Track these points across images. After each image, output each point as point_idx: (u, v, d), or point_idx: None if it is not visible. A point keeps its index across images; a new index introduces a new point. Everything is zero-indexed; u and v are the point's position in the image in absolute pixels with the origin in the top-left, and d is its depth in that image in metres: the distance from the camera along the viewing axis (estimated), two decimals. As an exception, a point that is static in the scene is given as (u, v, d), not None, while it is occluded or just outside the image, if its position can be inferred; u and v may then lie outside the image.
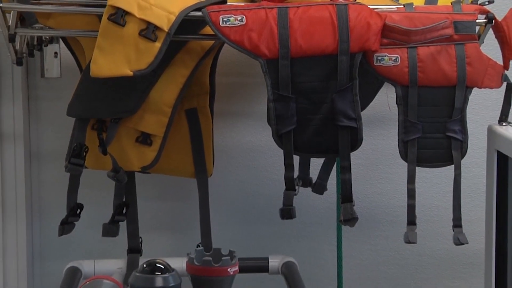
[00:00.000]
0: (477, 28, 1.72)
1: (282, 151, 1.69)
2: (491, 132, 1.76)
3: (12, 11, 1.68)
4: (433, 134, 1.71)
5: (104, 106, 1.74)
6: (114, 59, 1.61)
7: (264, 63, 1.65)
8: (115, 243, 1.90)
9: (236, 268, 1.73)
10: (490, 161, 1.75)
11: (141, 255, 1.93)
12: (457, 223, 1.74)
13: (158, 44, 1.60)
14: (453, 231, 1.73)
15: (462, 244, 1.72)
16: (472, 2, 1.81)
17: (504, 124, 1.76)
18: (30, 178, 2.12)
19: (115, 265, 1.93)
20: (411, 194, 1.71)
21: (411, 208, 1.72)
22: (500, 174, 1.73)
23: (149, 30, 1.60)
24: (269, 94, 1.66)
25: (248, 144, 2.18)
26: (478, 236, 1.78)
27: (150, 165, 1.80)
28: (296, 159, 1.74)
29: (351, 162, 1.71)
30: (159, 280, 1.58)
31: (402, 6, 1.74)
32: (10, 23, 1.69)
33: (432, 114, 1.70)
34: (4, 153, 2.06)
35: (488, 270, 1.75)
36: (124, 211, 1.89)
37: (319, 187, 1.99)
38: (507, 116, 1.77)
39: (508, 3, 1.80)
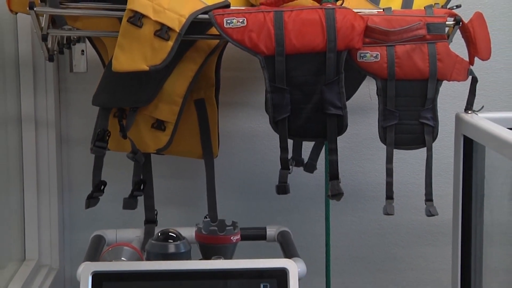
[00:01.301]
0: (447, 29, 1.71)
1: (278, 135, 1.69)
2: (458, 119, 1.76)
3: (44, 14, 1.68)
4: (408, 121, 1.70)
5: (124, 96, 1.74)
6: (133, 56, 1.60)
7: (262, 59, 1.64)
8: (134, 215, 1.89)
9: (238, 236, 1.73)
10: (457, 144, 1.74)
11: (156, 225, 1.92)
12: (428, 197, 1.74)
13: (170, 43, 1.59)
14: (425, 204, 1.73)
15: (433, 215, 1.73)
16: (442, 7, 1.81)
17: (469, 112, 1.76)
18: (60, 159, 2.12)
19: (134, 234, 1.93)
20: (389, 172, 1.71)
21: (389, 185, 1.72)
22: (466, 155, 1.72)
23: (162, 31, 1.59)
24: (267, 86, 1.66)
25: (249, 130, 2.18)
26: (446, 209, 1.78)
27: (164, 148, 1.80)
28: (290, 142, 1.73)
29: (338, 145, 1.70)
30: (171, 247, 1.59)
31: (382, 10, 1.73)
32: (43, 25, 1.68)
33: (408, 104, 1.69)
34: (38, 138, 2.05)
35: (455, 238, 1.76)
36: (141, 187, 1.88)
37: (310, 167, 2.00)
38: (472, 105, 1.76)
39: (473, 7, 1.79)
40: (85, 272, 1.46)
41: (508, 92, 2.23)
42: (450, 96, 1.75)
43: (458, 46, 1.74)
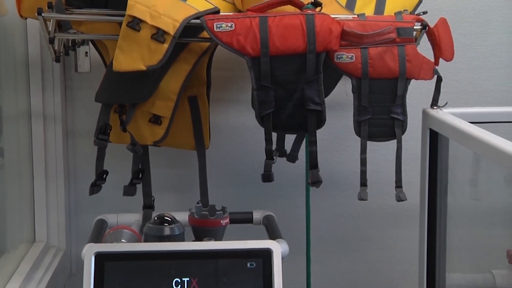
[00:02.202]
0: (414, 33, 1.70)
1: (263, 129, 1.68)
2: (425, 114, 1.76)
3: (51, 19, 1.66)
4: (380, 116, 1.69)
5: (124, 94, 1.73)
6: (132, 57, 1.58)
7: (249, 60, 1.63)
8: (133, 201, 1.88)
9: (227, 220, 1.72)
10: (424, 136, 1.75)
11: (153, 210, 1.92)
12: (398, 184, 1.73)
13: (166, 45, 1.58)
14: (395, 190, 1.73)
15: (402, 200, 1.72)
16: (410, 13, 1.81)
17: (435, 107, 1.76)
18: (67, 150, 2.11)
19: (133, 218, 1.92)
20: (363, 162, 1.71)
21: (363, 173, 1.71)
22: (432, 146, 1.73)
23: (159, 34, 1.58)
24: (253, 85, 1.64)
25: (237, 124, 2.17)
26: (414, 194, 1.77)
27: (160, 140, 1.79)
28: (274, 135, 1.73)
29: (317, 138, 1.69)
30: (167, 230, 1.58)
31: (357, 16, 1.72)
32: (50, 29, 1.67)
33: (380, 100, 1.69)
34: (46, 131, 2.04)
35: (422, 220, 1.76)
36: (140, 176, 1.87)
37: (292, 157, 2.00)
38: (437, 101, 1.76)
39: (438, 13, 1.79)
40: (89, 252, 1.45)
41: (469, 89, 2.23)
42: (417, 93, 1.75)
43: (424, 48, 1.73)
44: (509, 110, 1.85)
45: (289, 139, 1.99)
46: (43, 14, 1.64)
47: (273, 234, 1.82)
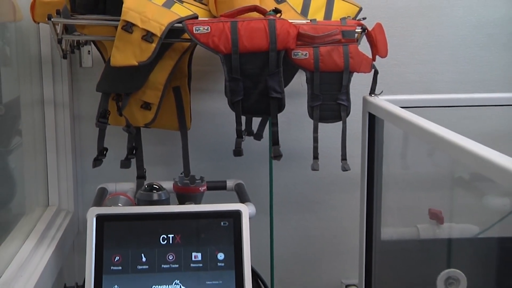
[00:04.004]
0: (356, 35, 1.69)
1: (234, 113, 1.67)
2: (364, 100, 1.75)
3: (59, 24, 1.63)
4: (329, 102, 1.68)
5: (120, 84, 1.70)
6: (126, 54, 1.56)
7: (222, 57, 1.60)
8: (129, 172, 1.85)
9: (205, 187, 1.71)
10: (364, 119, 1.74)
11: (145, 180, 1.89)
12: (343, 157, 1.72)
13: (154, 45, 1.56)
14: (341, 162, 1.72)
15: (347, 170, 1.72)
16: (353, 19, 1.80)
17: (372, 95, 1.74)
18: (73, 131, 2.08)
19: (129, 186, 1.89)
20: (315, 139, 1.70)
21: (315, 148, 1.70)
22: (370, 126, 1.72)
23: (148, 36, 1.55)
24: (226, 77, 1.62)
25: (213, 109, 2.14)
26: (356, 165, 1.77)
27: (150, 123, 1.76)
28: (243, 118, 1.71)
29: (278, 120, 1.69)
30: (155, 195, 1.56)
31: (310, 21, 1.70)
32: (58, 31, 1.64)
33: (329, 89, 1.67)
34: (56, 116, 2.02)
35: (362, 186, 1.75)
36: (134, 152, 1.85)
37: (258, 136, 1.98)
38: (374, 90, 1.74)
39: (374, 19, 1.78)
40: (91, 214, 1.44)
41: (399, 81, 2.22)
42: (359, 84, 1.74)
43: (364, 47, 1.72)
44: (430, 97, 1.87)
45: (256, 121, 1.98)
46: (52, 19, 1.61)
47: (243, 198, 1.81)
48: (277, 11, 1.69)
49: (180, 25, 1.60)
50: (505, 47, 2.24)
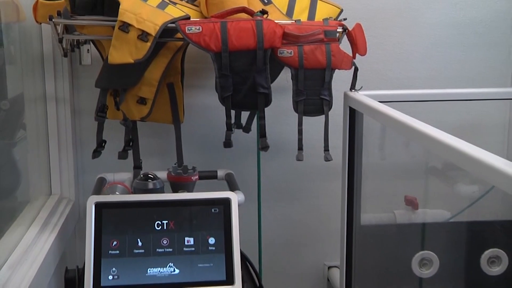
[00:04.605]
0: (337, 34, 1.68)
1: (224, 107, 1.65)
2: (345, 95, 1.73)
3: (60, 24, 1.61)
4: (312, 97, 1.67)
5: (117, 81, 1.68)
6: (123, 52, 1.54)
7: (213, 55, 1.59)
8: (126, 163, 1.84)
9: (197, 177, 1.70)
10: (345, 112, 1.72)
11: (141, 170, 1.87)
12: (326, 148, 1.72)
13: (149, 44, 1.54)
14: (324, 153, 1.71)
15: (329, 160, 1.71)
16: (334, 19, 1.79)
17: (353, 91, 1.73)
18: (74, 124, 2.06)
19: (126, 176, 1.88)
20: (299, 132, 1.69)
21: (300, 140, 1.70)
22: (351, 119, 1.71)
23: (143, 35, 1.54)
24: (216, 74, 1.61)
25: (204, 104, 2.12)
26: (338, 156, 1.76)
27: (145, 116, 1.75)
28: (232, 112, 1.71)
29: (265, 114, 1.67)
30: (150, 184, 1.55)
31: (294, 21, 1.69)
32: (59, 31, 1.62)
33: (312, 85, 1.66)
34: (58, 110, 1.99)
35: (344, 175, 1.74)
36: (130, 144, 1.83)
37: (247, 129, 1.97)
38: (354, 86, 1.73)
39: (354, 20, 1.77)
40: (90, 202, 1.42)
41: (378, 77, 2.22)
42: (340, 80, 1.73)
43: (345, 46, 1.71)
44: (406, 92, 1.87)
45: (244, 115, 1.96)
46: (53, 20, 1.59)
47: (232, 187, 1.80)
48: (264, 12, 1.68)
49: (173, 25, 1.59)
50: (475, 46, 2.25)
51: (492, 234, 1.83)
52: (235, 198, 1.45)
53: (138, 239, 1.39)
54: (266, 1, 1.78)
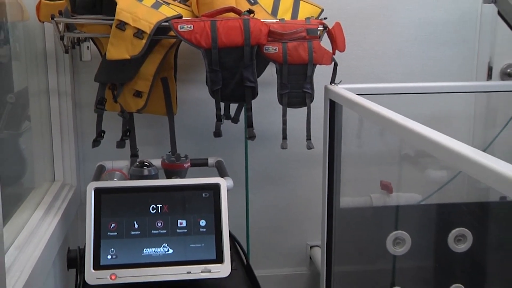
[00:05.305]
0: (318, 32, 1.67)
1: (214, 100, 1.64)
2: (326, 88, 1.72)
3: (61, 23, 1.59)
4: (296, 90, 1.66)
5: (115, 75, 1.65)
6: (120, 49, 1.52)
7: (203, 51, 1.57)
8: (123, 152, 1.82)
9: (189, 164, 1.68)
10: (326, 104, 1.71)
11: (137, 158, 1.85)
12: (308, 137, 1.70)
13: (144, 41, 1.52)
14: (306, 142, 1.70)
15: (311, 148, 1.70)
16: (316, 18, 1.77)
17: (333, 84, 1.72)
18: (75, 116, 2.04)
19: (124, 164, 1.86)
20: (284, 122, 1.68)
21: (284, 130, 1.68)
22: (331, 111, 1.69)
23: (139, 33, 1.52)
24: (207, 69, 1.59)
25: (196, 96, 2.10)
26: (319, 144, 1.76)
27: (141, 109, 1.72)
28: (222, 104, 1.70)
29: (252, 106, 1.66)
30: (145, 171, 1.53)
31: (278, 20, 1.68)
32: (61, 29, 1.60)
33: (295, 79, 1.65)
34: (60, 103, 1.97)
35: (324, 162, 1.73)
36: (128, 134, 1.81)
37: (235, 119, 1.95)
38: (334, 80, 1.72)
39: (334, 19, 1.76)
40: (90, 188, 1.41)
41: (356, 72, 2.21)
42: (321, 74, 1.72)
43: (325, 43, 1.70)
44: (382, 86, 1.86)
45: (233, 107, 1.95)
46: (55, 19, 1.57)
47: (222, 173, 1.79)
48: (250, 11, 1.66)
49: (166, 23, 1.57)
50: (444, 44, 2.25)
51: (458, 215, 1.83)
52: (224, 183, 1.44)
53: (135, 222, 1.37)
54: (252, 1, 1.76)
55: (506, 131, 2.18)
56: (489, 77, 2.29)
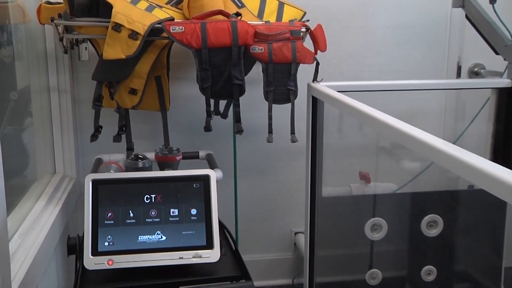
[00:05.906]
0: (301, 33, 1.65)
1: (204, 97, 1.62)
2: (309, 86, 1.71)
3: (61, 25, 1.56)
4: (280, 87, 1.65)
5: (111, 74, 1.63)
6: (115, 49, 1.51)
7: (194, 51, 1.56)
8: (120, 145, 1.80)
9: (181, 157, 1.66)
10: (308, 101, 1.70)
11: (133, 151, 1.83)
12: (292, 131, 1.70)
13: (138, 42, 1.51)
14: (291, 136, 1.70)
15: (295, 142, 1.70)
16: (299, 20, 1.76)
17: (315, 82, 1.70)
18: (74, 112, 2.01)
19: (120, 157, 1.83)
20: (270, 117, 1.67)
21: (270, 125, 1.67)
22: (313, 107, 1.68)
23: (133, 34, 1.50)
24: (197, 67, 1.58)
25: (187, 93, 2.08)
26: (302, 138, 1.75)
27: (136, 105, 1.70)
28: (212, 101, 1.67)
29: (240, 102, 1.65)
30: (140, 163, 1.51)
31: (264, 22, 1.66)
32: (60, 31, 1.57)
33: (280, 77, 1.64)
34: (60, 100, 1.94)
35: (307, 154, 1.72)
36: (123, 129, 1.79)
37: (224, 115, 1.93)
38: (316, 78, 1.71)
39: (316, 21, 1.76)
40: (88, 179, 1.38)
41: (336, 71, 2.20)
42: (304, 72, 1.71)
43: (308, 43, 1.69)
44: (360, 83, 1.85)
45: (222, 103, 1.92)
46: (55, 21, 1.55)
47: (212, 165, 1.77)
48: (238, 14, 1.65)
49: (159, 25, 1.55)
50: (416, 45, 2.25)
51: (430, 203, 1.83)
52: (214, 174, 1.42)
53: (130, 211, 1.36)
54: (240, 5, 1.75)
55: (473, 125, 2.19)
56: (458, 75, 2.30)
